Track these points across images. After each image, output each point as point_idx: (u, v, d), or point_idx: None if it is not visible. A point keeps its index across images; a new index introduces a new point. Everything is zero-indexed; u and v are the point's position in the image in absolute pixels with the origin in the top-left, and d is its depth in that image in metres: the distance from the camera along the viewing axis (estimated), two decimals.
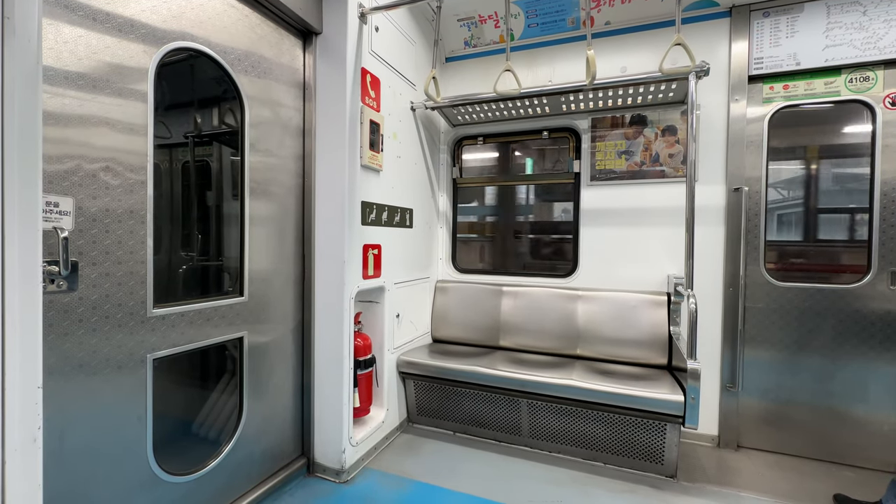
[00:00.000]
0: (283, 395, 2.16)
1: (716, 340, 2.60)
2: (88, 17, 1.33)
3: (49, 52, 1.24)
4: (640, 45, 2.75)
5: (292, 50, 2.15)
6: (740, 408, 2.58)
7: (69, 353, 1.31)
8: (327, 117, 2.18)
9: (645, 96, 2.57)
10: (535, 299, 2.95)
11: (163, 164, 1.79)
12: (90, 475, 1.37)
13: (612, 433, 2.31)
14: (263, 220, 2.01)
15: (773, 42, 2.48)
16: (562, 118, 2.97)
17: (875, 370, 2.34)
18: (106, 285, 1.39)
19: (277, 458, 2.12)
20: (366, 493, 2.08)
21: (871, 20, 2.31)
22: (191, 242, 1.94)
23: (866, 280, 2.35)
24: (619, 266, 2.83)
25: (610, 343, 2.70)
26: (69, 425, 1.32)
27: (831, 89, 2.41)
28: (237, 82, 1.85)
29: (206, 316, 1.74)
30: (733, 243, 2.55)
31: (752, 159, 2.55)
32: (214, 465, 1.78)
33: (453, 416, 2.70)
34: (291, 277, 2.19)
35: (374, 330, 2.55)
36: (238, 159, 1.91)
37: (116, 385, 1.43)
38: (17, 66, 0.88)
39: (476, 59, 3.18)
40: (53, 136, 1.25)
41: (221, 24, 1.78)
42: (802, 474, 2.30)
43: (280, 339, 2.13)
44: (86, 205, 1.33)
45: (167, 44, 1.56)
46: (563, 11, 2.83)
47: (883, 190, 2.33)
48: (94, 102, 1.35)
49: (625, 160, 2.81)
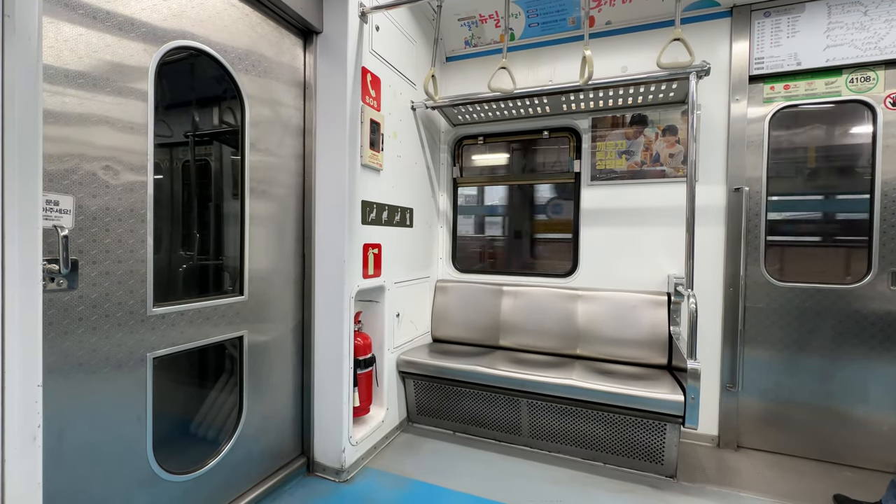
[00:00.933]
0: (283, 395, 2.16)
1: (716, 340, 2.60)
2: (89, 16, 1.33)
3: (49, 51, 1.23)
4: (640, 45, 2.74)
5: (293, 49, 2.15)
6: (740, 408, 2.58)
7: (69, 352, 1.31)
8: (328, 116, 2.18)
9: (646, 96, 2.57)
10: (535, 299, 2.95)
11: (163, 163, 1.79)
12: (90, 474, 1.37)
13: (611, 433, 2.31)
14: (263, 219, 2.01)
15: (773, 42, 2.48)
16: (562, 118, 2.97)
17: (875, 370, 2.34)
18: (106, 284, 1.39)
19: (277, 457, 2.12)
20: (365, 493, 2.08)
21: (872, 20, 2.31)
22: (191, 241, 1.94)
23: (866, 280, 2.35)
24: (619, 266, 2.83)
25: (610, 343, 2.70)
26: (69, 424, 1.31)
27: (832, 89, 2.41)
28: (237, 81, 1.85)
29: (205, 315, 1.74)
30: (734, 243, 2.55)
31: (752, 159, 2.55)
32: (214, 464, 1.78)
33: (453, 416, 2.70)
34: (291, 276, 2.19)
35: (374, 329, 2.55)
36: (238, 158, 1.91)
37: (116, 384, 1.43)
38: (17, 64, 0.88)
39: (477, 58, 3.18)
40: (54, 135, 1.25)
41: (222, 22, 1.77)
42: (802, 474, 2.30)
43: (280, 339, 2.13)
44: (86, 203, 1.33)
45: (167, 42, 1.56)
46: (563, 11, 2.83)
47: (883, 190, 2.33)
48: (94, 101, 1.35)
49: (625, 160, 2.81)
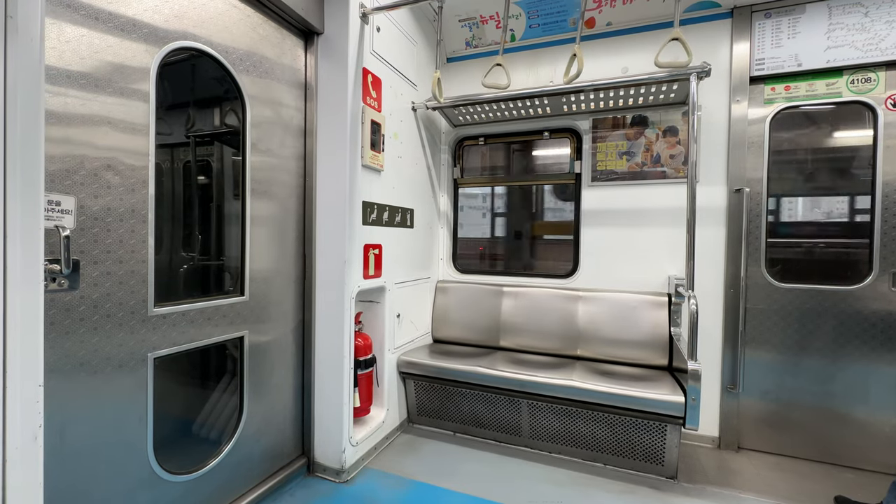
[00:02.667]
0: (284, 395, 2.16)
1: (716, 341, 2.60)
2: (91, 17, 1.33)
3: (51, 52, 1.24)
4: (641, 46, 2.74)
5: (294, 50, 2.16)
6: (741, 409, 2.57)
7: (70, 352, 1.31)
8: (328, 117, 2.19)
9: (646, 97, 2.57)
10: (535, 300, 2.95)
11: (164, 164, 1.79)
12: (91, 473, 1.38)
13: (612, 434, 2.31)
14: (264, 220, 2.01)
15: (774, 43, 2.48)
16: (563, 119, 2.97)
17: (876, 371, 2.34)
18: (107, 284, 1.39)
19: (277, 457, 2.12)
20: (366, 493, 2.08)
21: (873, 21, 2.31)
22: (192, 242, 1.95)
23: (867, 281, 2.35)
24: (619, 267, 2.83)
25: (610, 344, 2.70)
26: (70, 423, 1.32)
27: (833, 90, 2.41)
28: (239, 82, 1.85)
29: (206, 315, 1.74)
30: (734, 244, 2.55)
31: (753, 160, 2.54)
32: (214, 464, 1.78)
33: (453, 417, 2.70)
34: (292, 277, 2.19)
35: (375, 330, 2.56)
36: (239, 159, 1.92)
37: (117, 384, 1.44)
38: (19, 64, 0.88)
39: (477, 59, 3.18)
40: (55, 135, 1.26)
41: (223, 23, 1.78)
42: (803, 476, 2.30)
43: (280, 339, 2.13)
44: (87, 203, 1.34)
45: (169, 43, 1.56)
46: (564, 12, 2.83)
47: (884, 191, 2.33)
48: (95, 102, 1.35)
49: (626, 161, 2.81)
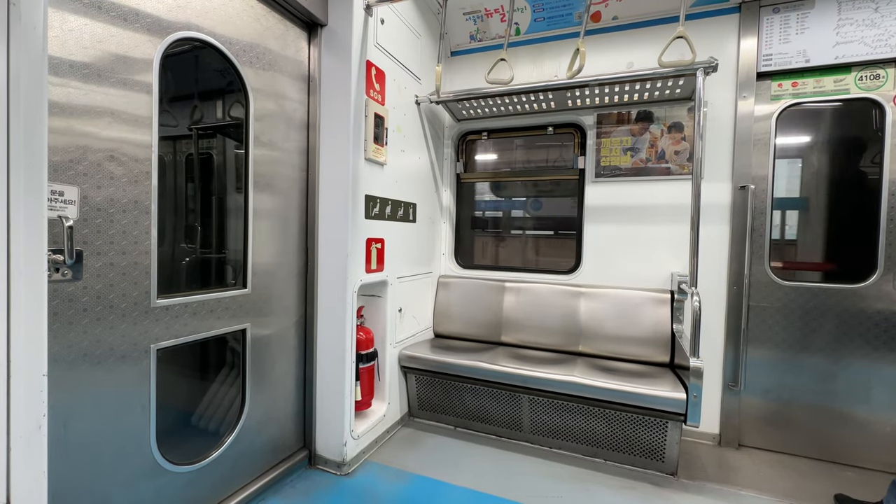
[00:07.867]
0: (286, 388, 2.17)
1: (719, 339, 2.60)
2: (94, 6, 1.32)
3: (54, 41, 1.23)
4: (647, 41, 2.72)
5: (297, 42, 2.14)
6: (742, 407, 2.57)
7: (73, 342, 1.31)
8: (332, 110, 2.17)
9: (651, 92, 2.55)
10: (537, 295, 2.94)
11: (167, 156, 1.79)
12: (94, 463, 1.38)
13: (613, 430, 2.31)
14: (267, 213, 2.01)
15: (782, 38, 2.45)
16: (567, 114, 2.95)
17: (878, 371, 2.33)
18: (110, 275, 1.39)
19: (279, 449, 2.13)
20: (366, 486, 2.09)
21: (884, 17, 2.28)
22: (194, 234, 1.95)
23: (872, 280, 2.34)
24: (622, 263, 2.82)
25: (612, 340, 2.69)
26: (73, 414, 1.32)
27: (841, 87, 2.38)
28: (242, 74, 1.84)
29: (209, 307, 1.74)
30: (738, 242, 2.53)
31: (758, 157, 2.52)
32: (217, 455, 1.79)
33: (454, 411, 2.71)
34: (294, 270, 2.19)
35: (377, 324, 2.56)
36: (242, 152, 1.91)
37: (120, 375, 1.44)
38: (22, 53, 0.88)
39: (482, 53, 3.15)
40: (58, 126, 1.25)
41: (226, 14, 1.77)
42: (803, 474, 2.30)
43: (283, 332, 2.13)
44: (91, 194, 1.33)
45: (172, 34, 1.55)
46: (569, 6, 2.80)
47: (891, 189, 2.31)
48: (98, 92, 1.35)
49: (630, 157, 2.79)
